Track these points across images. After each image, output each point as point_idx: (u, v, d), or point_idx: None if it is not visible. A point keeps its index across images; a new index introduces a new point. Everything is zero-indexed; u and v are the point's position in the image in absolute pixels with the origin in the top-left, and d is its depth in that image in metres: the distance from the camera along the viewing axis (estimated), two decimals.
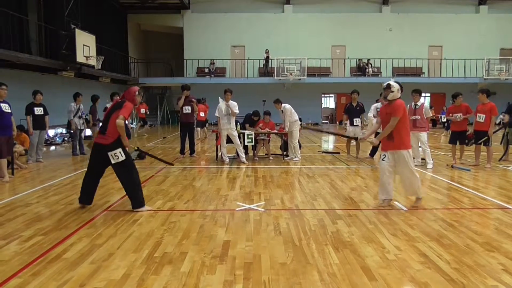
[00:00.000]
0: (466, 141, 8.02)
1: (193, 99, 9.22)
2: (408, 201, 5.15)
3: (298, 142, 9.13)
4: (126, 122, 4.88)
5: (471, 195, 5.52)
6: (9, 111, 6.66)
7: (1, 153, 6.44)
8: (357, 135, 9.01)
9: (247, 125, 9.23)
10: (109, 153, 4.32)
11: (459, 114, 7.90)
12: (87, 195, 4.67)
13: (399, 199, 5.25)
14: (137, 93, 4.56)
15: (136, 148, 5.26)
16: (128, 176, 4.47)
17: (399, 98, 4.67)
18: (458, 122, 7.94)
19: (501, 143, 8.69)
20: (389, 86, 4.64)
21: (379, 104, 8.85)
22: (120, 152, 4.35)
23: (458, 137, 8.00)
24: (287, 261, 3.20)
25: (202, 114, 13.58)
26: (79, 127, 9.79)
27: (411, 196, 4.91)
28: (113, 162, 4.36)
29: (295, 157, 8.82)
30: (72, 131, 9.98)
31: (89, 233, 3.87)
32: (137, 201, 4.54)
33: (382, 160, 4.76)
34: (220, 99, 8.38)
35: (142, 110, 16.29)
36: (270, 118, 9.12)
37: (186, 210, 4.73)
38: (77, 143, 9.89)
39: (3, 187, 6.11)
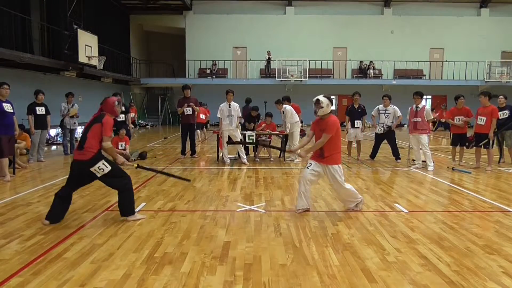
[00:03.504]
0: (467, 143, 8.06)
1: (190, 104, 9.16)
2: (409, 203, 5.16)
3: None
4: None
5: (471, 197, 5.52)
6: (11, 110, 6.68)
7: (2, 152, 6.46)
8: (358, 137, 9.05)
9: (246, 124, 9.23)
10: (92, 169, 4.01)
11: (460, 117, 7.99)
12: (55, 213, 4.16)
13: (400, 201, 5.25)
14: (116, 103, 4.27)
15: (136, 166, 4.75)
16: (121, 184, 4.22)
17: (331, 113, 4.53)
18: (460, 125, 8.03)
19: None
20: (318, 101, 4.48)
21: (380, 106, 8.88)
22: (103, 163, 4.04)
23: (459, 140, 8.12)
24: (287, 262, 3.20)
25: (202, 116, 13.58)
26: (68, 127, 9.82)
27: (349, 205, 4.70)
28: (99, 175, 4.08)
29: (295, 158, 8.82)
30: (62, 131, 10.07)
31: (89, 233, 3.88)
32: (129, 209, 4.27)
33: (307, 168, 4.62)
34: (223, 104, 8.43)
35: (132, 114, 16.20)
36: (271, 119, 9.14)
37: (186, 211, 4.74)
38: (68, 143, 9.94)
39: (5, 186, 6.12)
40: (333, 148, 4.49)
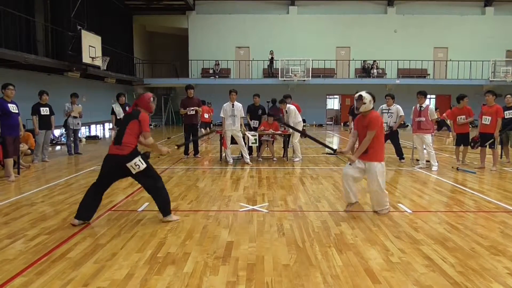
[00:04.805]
0: (472, 143, 8.02)
1: (192, 108, 9.17)
2: (413, 203, 5.13)
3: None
4: None
5: (476, 197, 5.48)
6: (17, 111, 6.73)
7: (8, 152, 6.50)
8: None
9: (249, 119, 9.26)
10: (128, 164, 4.02)
11: (463, 117, 7.99)
12: (88, 210, 4.17)
13: (404, 201, 5.22)
14: (151, 99, 4.31)
15: (176, 147, 4.96)
16: (154, 184, 4.21)
17: (373, 109, 4.47)
18: (461, 125, 8.04)
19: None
20: (360, 97, 4.40)
21: (384, 106, 8.84)
22: (139, 160, 4.06)
23: (462, 140, 8.11)
24: (290, 262, 3.19)
25: (206, 115, 13.59)
26: (72, 127, 9.89)
27: (376, 209, 4.60)
28: (134, 172, 4.08)
29: (295, 157, 8.81)
30: (66, 131, 10.15)
31: (93, 233, 3.89)
32: (166, 209, 4.28)
33: (349, 164, 4.56)
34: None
35: None
36: (273, 119, 9.12)
37: (189, 211, 4.74)
38: (72, 143, 10.00)
39: (9, 186, 6.16)
40: (376, 143, 4.40)
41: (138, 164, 4.06)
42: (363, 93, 4.46)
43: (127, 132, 4.09)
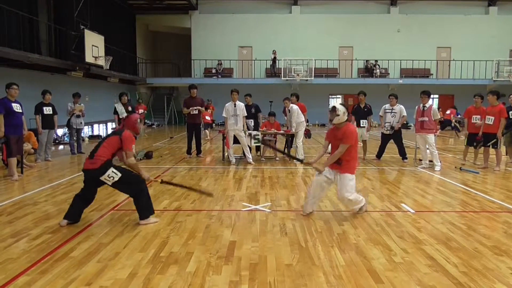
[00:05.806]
0: (475, 143, 8.00)
1: (195, 108, 9.18)
2: (416, 203, 5.11)
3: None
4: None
5: (479, 198, 5.46)
6: (20, 110, 6.76)
7: (11, 152, 6.54)
8: (364, 137, 9.02)
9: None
10: (102, 178, 3.98)
11: (478, 116, 7.96)
12: (76, 212, 4.19)
13: (406, 201, 5.21)
14: (138, 121, 4.37)
15: (160, 181, 4.76)
16: (136, 188, 4.14)
17: (347, 121, 4.39)
18: (475, 125, 8.01)
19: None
20: (334, 109, 4.31)
21: (387, 106, 8.82)
22: (112, 171, 3.99)
23: (475, 139, 8.06)
24: (292, 262, 3.19)
25: (207, 117, 13.59)
26: (75, 127, 9.94)
27: (355, 211, 4.55)
28: (110, 184, 4.03)
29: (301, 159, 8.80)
30: (69, 131, 10.21)
31: (96, 232, 3.90)
32: (148, 211, 4.21)
33: (317, 174, 4.52)
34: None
35: (141, 111, 16.20)
36: (275, 118, 9.13)
37: (192, 210, 4.75)
38: (75, 142, 10.05)
39: (13, 185, 6.19)
40: (350, 156, 4.35)
41: (112, 175, 4.00)
42: (337, 105, 4.40)
43: (103, 145, 4.08)
